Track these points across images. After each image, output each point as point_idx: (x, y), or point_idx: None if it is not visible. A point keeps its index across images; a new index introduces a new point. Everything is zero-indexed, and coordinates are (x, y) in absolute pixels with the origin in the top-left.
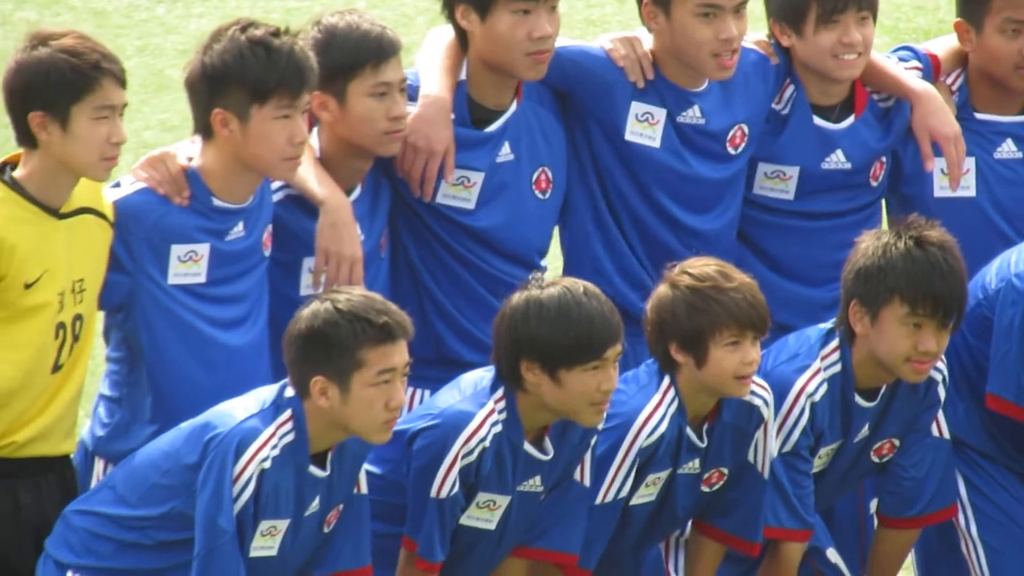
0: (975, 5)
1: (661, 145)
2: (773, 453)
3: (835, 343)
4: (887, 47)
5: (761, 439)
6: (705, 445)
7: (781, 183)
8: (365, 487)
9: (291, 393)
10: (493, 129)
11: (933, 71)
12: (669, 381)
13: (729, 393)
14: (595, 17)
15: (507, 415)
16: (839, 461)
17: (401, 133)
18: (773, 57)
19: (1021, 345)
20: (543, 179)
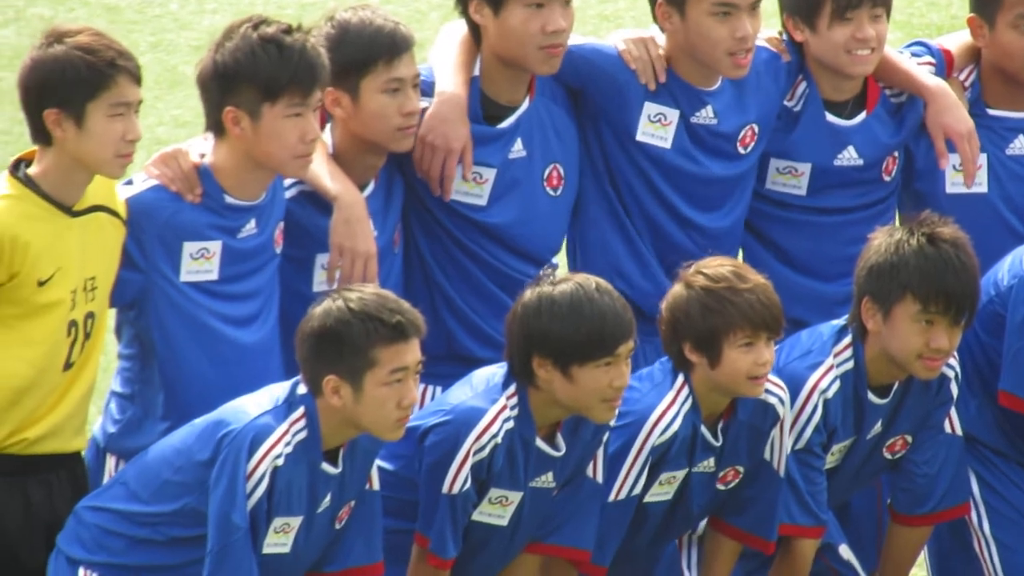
0: (988, 1)
1: (672, 146)
2: (788, 451)
3: (848, 340)
4: (900, 43)
5: (777, 437)
6: (720, 444)
7: (793, 179)
8: (377, 483)
9: (303, 390)
10: (505, 125)
11: (946, 67)
12: (683, 380)
13: (743, 393)
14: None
15: (519, 411)
16: (852, 458)
17: (414, 129)
18: (785, 54)
19: None
20: (555, 176)
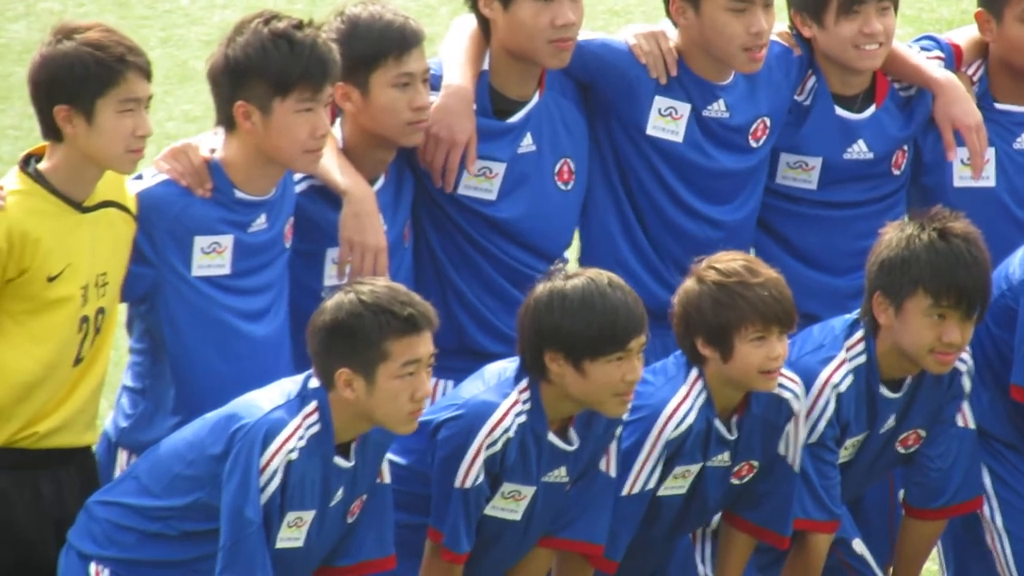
0: None
1: (684, 139)
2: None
3: (860, 334)
4: (909, 37)
5: (792, 432)
6: (735, 438)
7: (804, 173)
8: (388, 477)
9: (315, 384)
10: (515, 120)
11: (955, 61)
12: (697, 373)
13: (755, 387)
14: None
15: (531, 405)
16: (865, 452)
17: (423, 123)
18: (796, 48)
19: None
20: (565, 170)
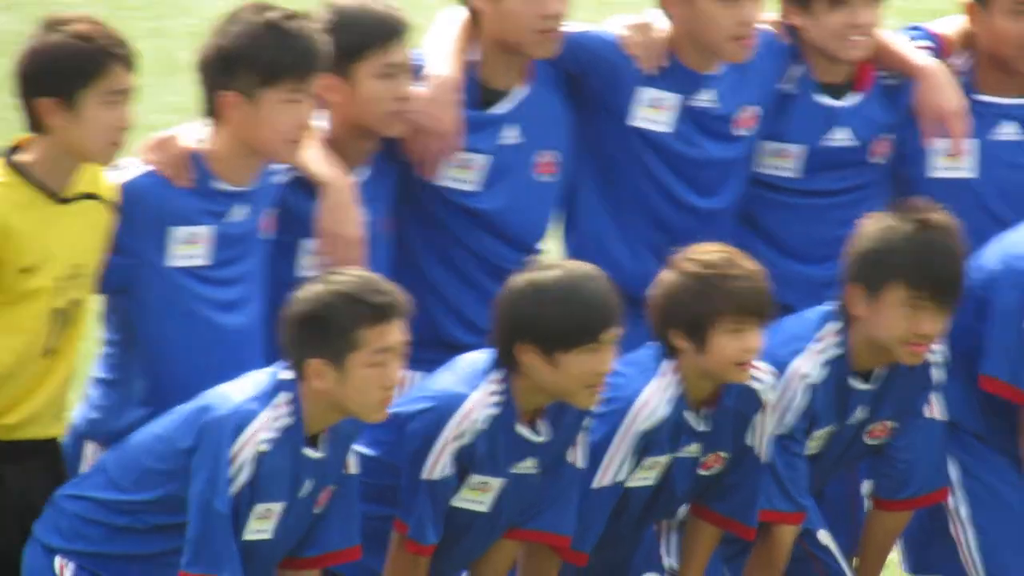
0: None
1: (671, 130)
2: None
3: (833, 325)
4: (898, 27)
5: (760, 423)
6: (705, 430)
7: (785, 160)
8: (355, 467)
9: (287, 375)
10: (499, 111)
11: (942, 51)
12: (670, 365)
13: (729, 379)
14: None
15: (502, 397)
16: (834, 444)
17: (407, 114)
18: (785, 36)
19: (1018, 327)
20: (547, 162)
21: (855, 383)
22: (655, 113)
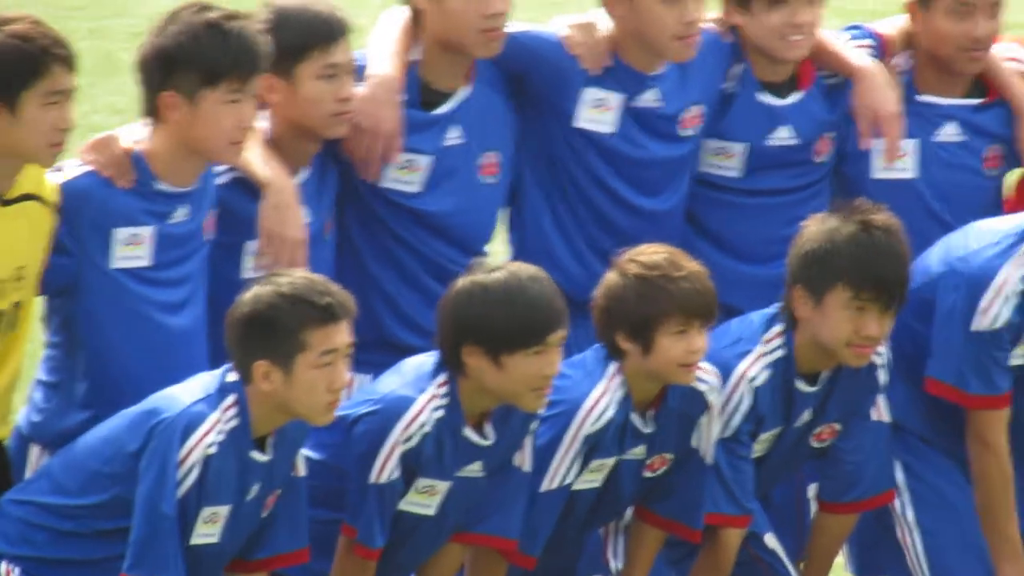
0: None
1: (615, 130)
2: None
3: (778, 328)
4: (837, 27)
5: (705, 425)
6: (651, 431)
7: (727, 160)
8: (302, 470)
9: (233, 378)
10: (442, 112)
11: (882, 50)
12: (616, 367)
13: (674, 380)
14: None
15: (448, 400)
16: (780, 446)
17: (349, 115)
18: (727, 35)
19: (962, 329)
20: (491, 164)
21: (801, 385)
22: (599, 114)
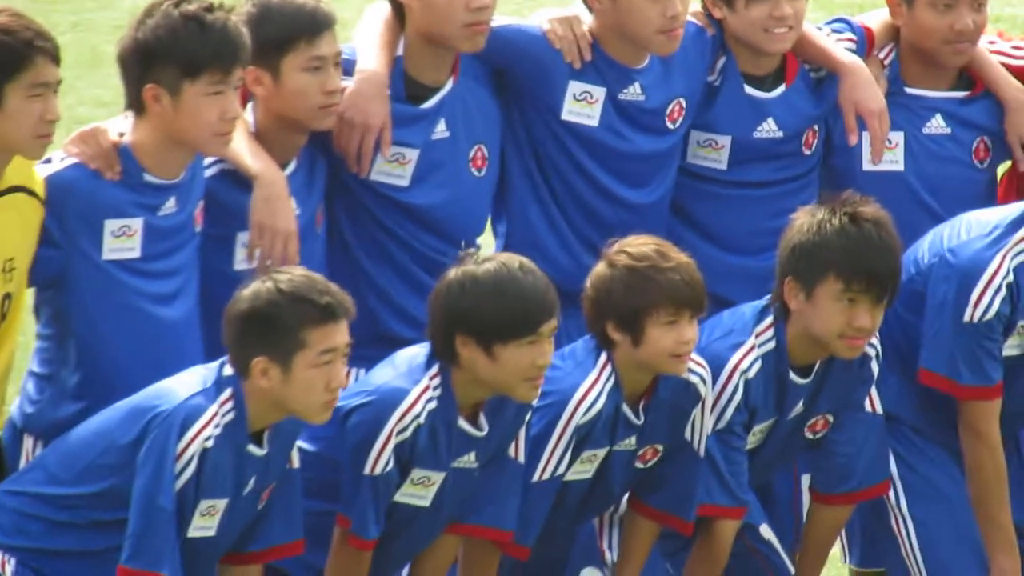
0: None
1: (599, 124)
2: (709, 431)
3: (770, 320)
4: (821, 20)
5: (698, 417)
6: (642, 422)
7: (714, 152)
8: (297, 462)
9: (230, 372)
10: (429, 106)
11: (867, 44)
12: (606, 358)
13: (665, 371)
14: None
15: (442, 391)
16: (773, 438)
17: (335, 107)
18: (709, 27)
19: (953, 320)
20: (479, 157)
21: (793, 377)
22: (583, 107)
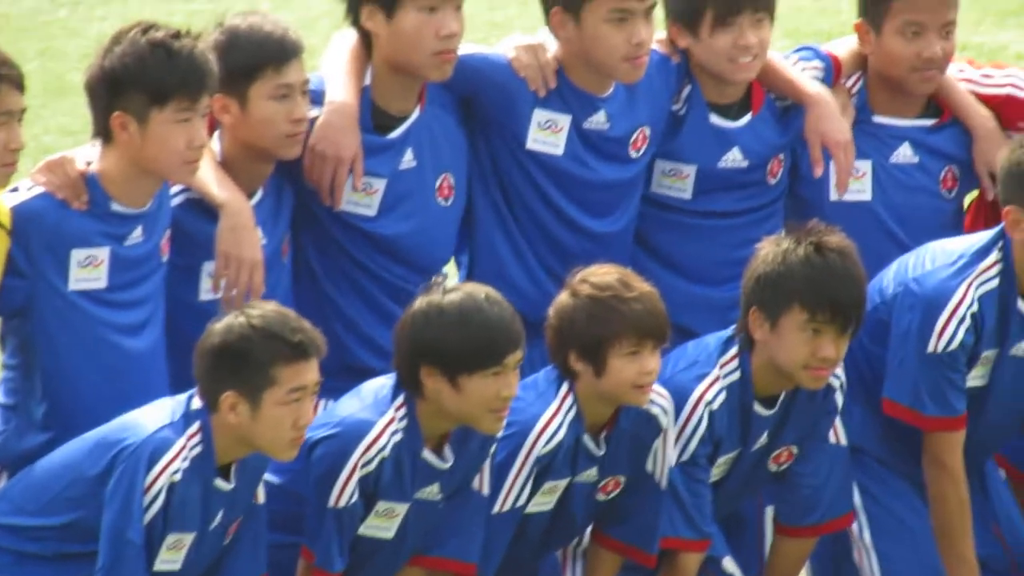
0: (875, 7)
1: (564, 152)
2: (672, 463)
3: (734, 350)
4: (787, 49)
5: (660, 448)
6: (603, 453)
7: (679, 181)
8: (263, 497)
9: (198, 405)
10: (395, 135)
11: (834, 72)
12: (567, 388)
13: (628, 402)
14: (499, 20)
15: (407, 423)
16: (737, 470)
17: (302, 136)
18: (674, 56)
19: (917, 350)
20: (445, 186)
21: (758, 408)
22: (548, 135)
